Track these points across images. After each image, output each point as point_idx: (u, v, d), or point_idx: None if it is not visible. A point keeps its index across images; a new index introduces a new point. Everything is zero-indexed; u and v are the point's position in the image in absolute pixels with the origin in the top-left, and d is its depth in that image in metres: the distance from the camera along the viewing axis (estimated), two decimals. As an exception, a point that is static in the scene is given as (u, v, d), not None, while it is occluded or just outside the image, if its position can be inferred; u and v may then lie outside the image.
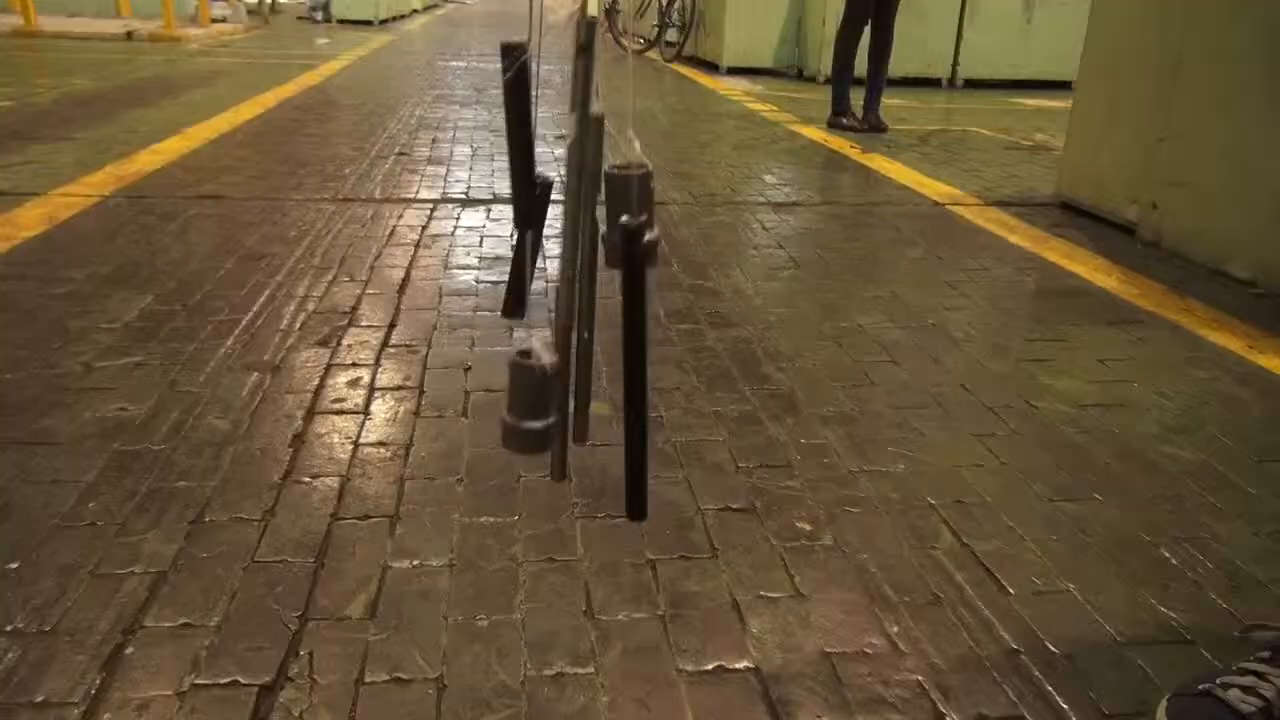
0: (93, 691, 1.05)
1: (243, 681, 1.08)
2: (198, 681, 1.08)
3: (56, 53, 7.64)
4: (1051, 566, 1.37)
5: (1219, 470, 1.68)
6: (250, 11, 12.14)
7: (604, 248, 0.70)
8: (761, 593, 1.29)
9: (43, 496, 1.43)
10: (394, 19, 13.77)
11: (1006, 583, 1.33)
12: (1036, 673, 1.16)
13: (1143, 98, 3.20)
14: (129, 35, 8.80)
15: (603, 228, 0.70)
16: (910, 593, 1.30)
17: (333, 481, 1.52)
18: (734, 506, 1.50)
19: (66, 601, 1.20)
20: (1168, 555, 1.42)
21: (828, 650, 1.18)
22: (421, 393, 1.86)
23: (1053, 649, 1.20)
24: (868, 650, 1.18)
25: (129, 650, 1.12)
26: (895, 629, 1.23)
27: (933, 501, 1.54)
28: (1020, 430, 1.80)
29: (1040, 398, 1.95)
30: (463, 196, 3.44)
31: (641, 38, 10.07)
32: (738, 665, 1.15)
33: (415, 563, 1.32)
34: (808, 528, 1.45)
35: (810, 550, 1.39)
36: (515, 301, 0.81)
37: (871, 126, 5.31)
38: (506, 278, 2.48)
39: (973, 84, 7.94)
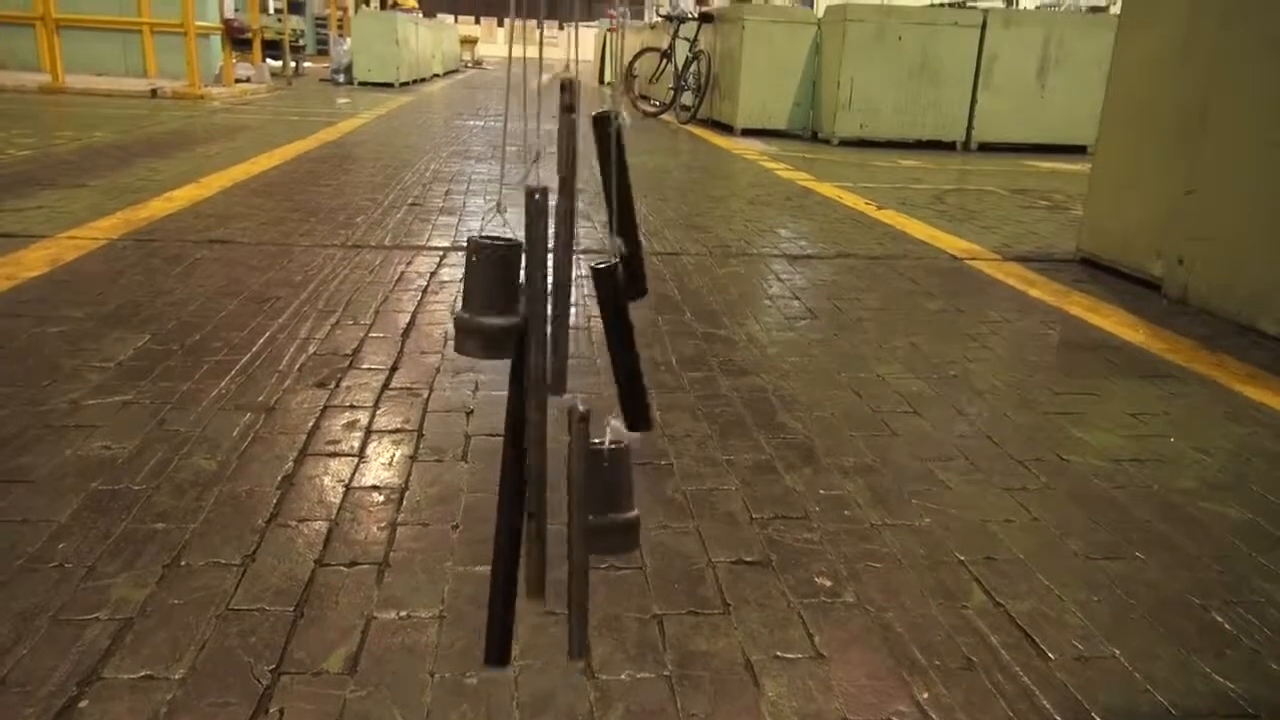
0: (37, 749, 0.95)
1: (204, 741, 0.98)
2: (154, 740, 0.98)
3: (81, 108, 7.76)
4: (1094, 630, 1.26)
5: (1267, 529, 1.57)
6: (274, 73, 12.38)
7: None
8: (777, 653, 1.18)
9: (10, 536, 1.34)
10: (414, 82, 14.02)
11: (1046, 647, 1.22)
12: (1084, 747, 1.04)
13: (1166, 151, 3.15)
14: (153, 93, 8.95)
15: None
16: (941, 656, 1.19)
17: (320, 526, 1.42)
18: (747, 559, 1.39)
19: (21, 649, 1.10)
20: (1220, 619, 1.30)
21: (851, 718, 1.07)
22: (420, 436, 1.77)
23: (1101, 720, 1.08)
24: (895, 719, 1.07)
25: (83, 704, 1.02)
26: (925, 695, 1.11)
27: (962, 557, 1.43)
28: (1052, 484, 1.70)
29: (1072, 451, 1.85)
30: (473, 245, 3.39)
31: (657, 100, 10.19)
32: (751, 732, 1.04)
33: (402, 614, 1.22)
34: (828, 583, 1.34)
35: (830, 607, 1.28)
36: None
37: None
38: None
39: (987, 147, 7.94)
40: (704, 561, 1.38)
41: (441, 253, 3.25)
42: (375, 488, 1.56)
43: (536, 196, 0.63)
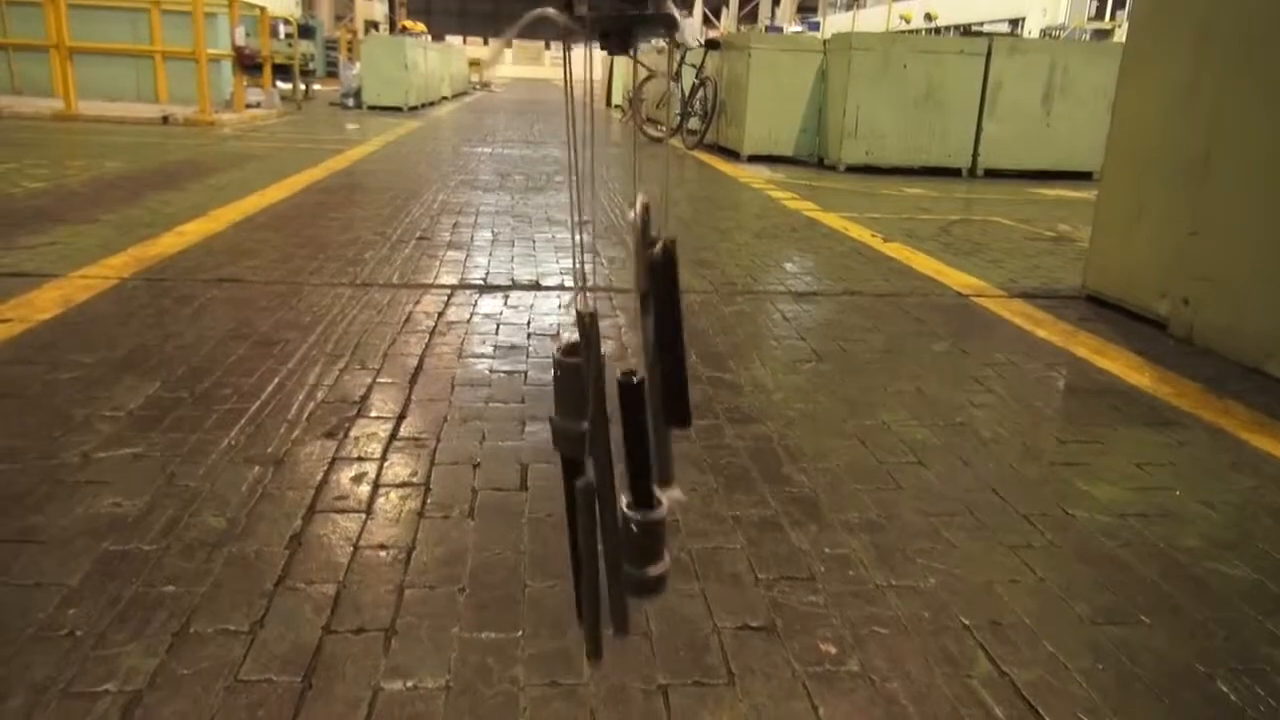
0: (48, 832, 0.96)
1: (212, 823, 0.99)
2: (163, 822, 0.98)
3: (93, 136, 7.84)
4: (1099, 701, 1.26)
5: (1273, 591, 1.57)
6: (284, 98, 12.49)
7: None
8: (782, 726, 1.18)
9: (23, 601, 1.35)
10: (423, 105, 14.13)
11: (1051, 719, 1.22)
12: (1089, 830, 1.04)
13: (1171, 191, 3.16)
14: (165, 120, 9.04)
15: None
16: (945, 729, 1.19)
17: (328, 589, 1.43)
18: (753, 624, 1.40)
19: (32, 724, 1.11)
20: (1226, 690, 1.30)
21: (856, 797, 1.07)
22: (427, 490, 1.78)
23: (1105, 801, 1.09)
24: (900, 798, 1.07)
25: (93, 783, 1.03)
26: (930, 773, 1.12)
27: (966, 622, 1.43)
28: (1057, 542, 1.70)
29: (1077, 505, 1.85)
30: (481, 283, 3.42)
31: (663, 125, 10.24)
32: (756, 814, 1.04)
33: (409, 684, 1.22)
34: (832, 650, 1.35)
35: (835, 676, 1.29)
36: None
37: None
38: (525, 375, 2.42)
39: (993, 174, 7.97)
40: (709, 627, 1.39)
41: (449, 291, 3.27)
42: (383, 546, 1.57)
43: (586, 321, 0.65)
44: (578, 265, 0.69)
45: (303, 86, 14.24)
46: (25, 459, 1.81)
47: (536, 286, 3.42)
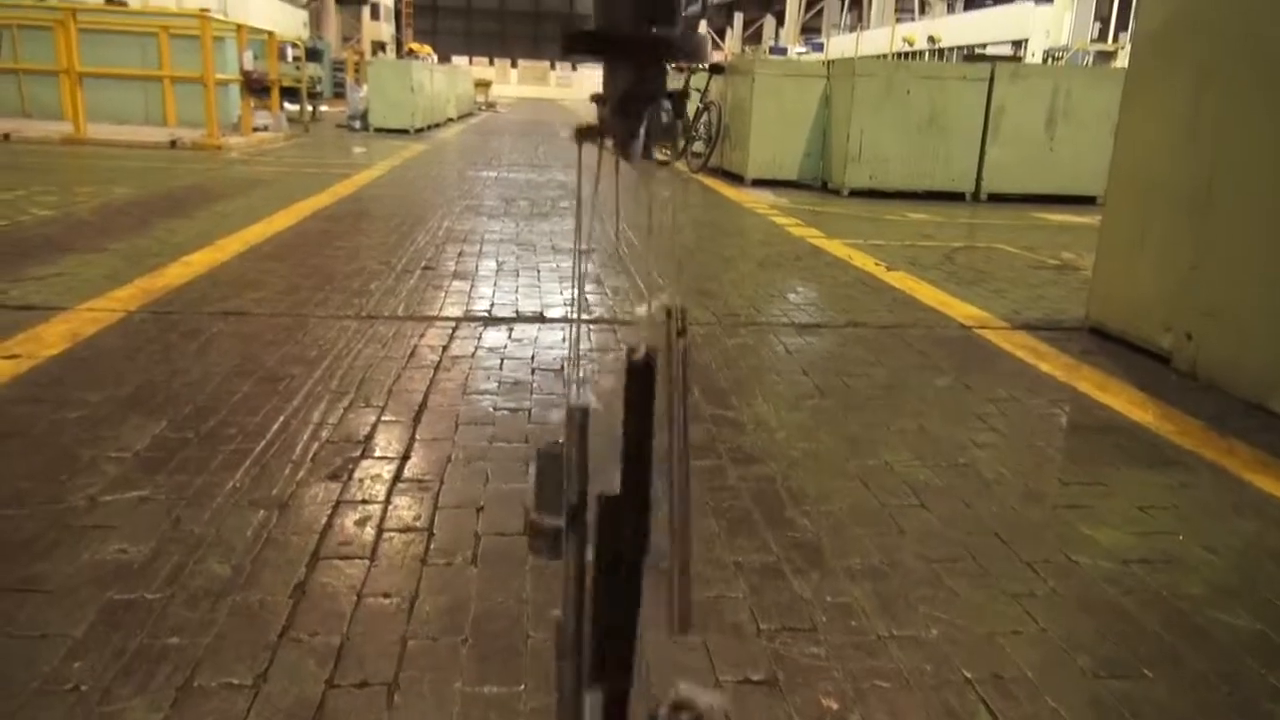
0: None
1: None
2: None
3: (102, 160, 7.91)
4: (1101, 760, 1.26)
5: (1276, 643, 1.57)
6: (291, 120, 12.59)
7: None
8: (784, 787, 1.18)
9: (28, 653, 1.36)
10: (429, 127, 14.22)
11: (1052, 779, 1.22)
12: None
13: (1173, 224, 3.17)
14: (173, 144, 9.11)
15: None
16: (947, 790, 1.19)
17: (332, 639, 1.44)
18: (754, 678, 1.40)
19: (36, 784, 1.12)
20: (1228, 747, 1.30)
21: None
22: (431, 535, 1.79)
23: None
24: None
25: (96, 847, 1.03)
26: (931, 837, 1.11)
27: (968, 675, 1.43)
28: (1060, 590, 1.70)
29: (1080, 551, 1.85)
30: (485, 314, 3.44)
31: (666, 148, 10.29)
32: None
33: (411, 741, 1.23)
34: (834, 706, 1.35)
35: (837, 733, 1.29)
36: None
37: None
38: (529, 413, 2.43)
39: (996, 198, 8.00)
40: (711, 682, 1.39)
41: (454, 324, 3.29)
42: (386, 595, 1.58)
43: (578, 416, 0.63)
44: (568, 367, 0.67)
45: (310, 108, 14.35)
46: (32, 503, 1.82)
47: (540, 319, 3.44)
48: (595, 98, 0.66)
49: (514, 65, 56.82)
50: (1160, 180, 3.25)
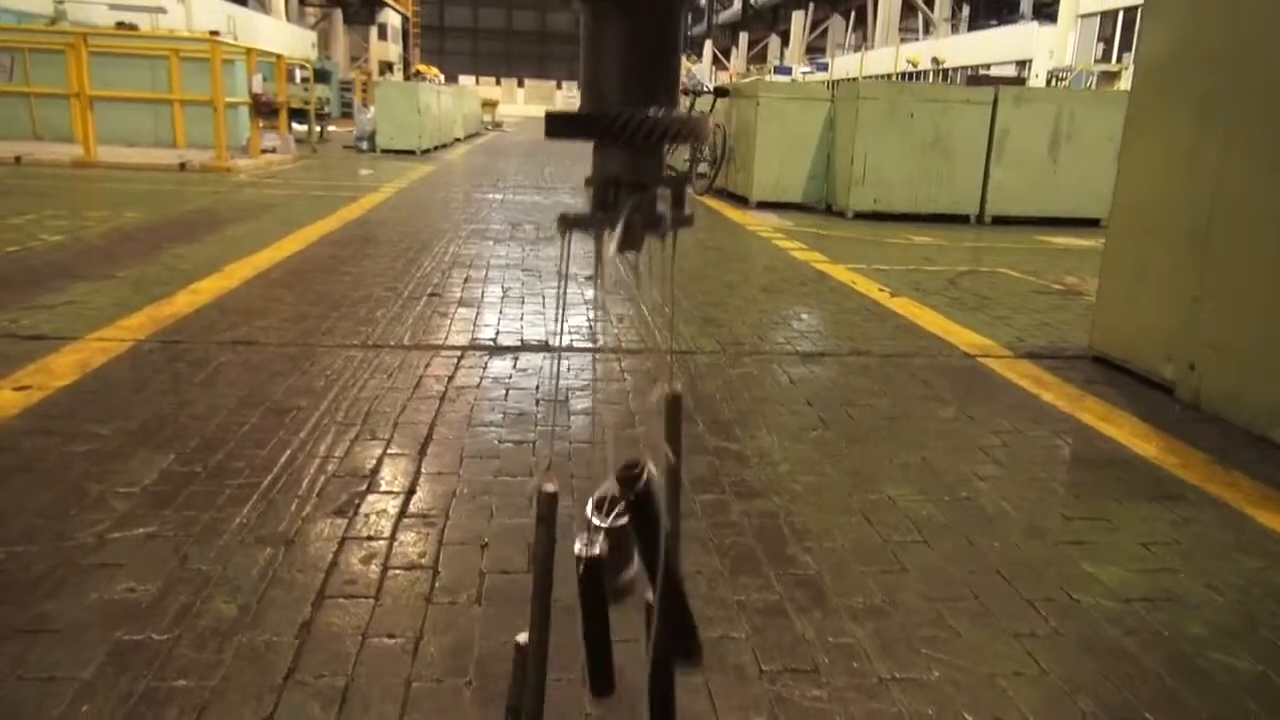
0: None
1: None
2: None
3: (112, 183, 7.98)
4: (1102, 808, 1.26)
5: (1277, 685, 1.57)
6: (299, 141, 12.69)
7: None
8: (785, 835, 1.19)
9: (38, 696, 1.38)
10: (436, 148, 14.32)
11: (1053, 828, 1.22)
12: None
13: (1176, 255, 3.19)
14: (182, 166, 9.19)
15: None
16: (947, 839, 1.20)
17: (337, 682, 1.45)
18: (757, 722, 1.41)
19: (45, 832, 1.13)
20: (1230, 795, 1.30)
21: None
22: (436, 573, 1.80)
23: None
24: None
25: None
26: None
27: (970, 719, 1.44)
28: (1062, 630, 1.71)
29: (1082, 589, 1.85)
30: (491, 343, 3.46)
31: (675, 170, 10.36)
32: None
33: (415, 788, 1.24)
34: (835, 751, 1.35)
35: (838, 780, 1.29)
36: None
37: None
38: (533, 446, 2.44)
39: (1000, 220, 8.02)
40: (713, 726, 1.40)
41: (459, 353, 3.31)
42: (390, 635, 1.59)
43: (541, 497, 0.64)
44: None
45: (318, 129, 14.46)
46: (41, 539, 1.84)
47: (545, 348, 3.46)
48: (588, 180, 0.66)
49: (520, 85, 57.24)
50: (1162, 212, 3.27)
